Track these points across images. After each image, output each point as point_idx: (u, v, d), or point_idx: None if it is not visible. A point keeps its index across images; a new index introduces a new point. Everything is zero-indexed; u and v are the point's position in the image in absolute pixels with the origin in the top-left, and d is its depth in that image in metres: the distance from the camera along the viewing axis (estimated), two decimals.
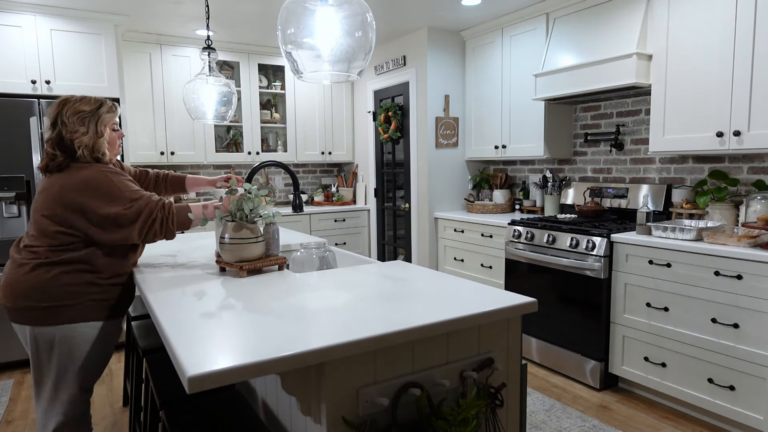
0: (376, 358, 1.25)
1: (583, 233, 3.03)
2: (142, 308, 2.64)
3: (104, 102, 1.91)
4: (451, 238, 4.20)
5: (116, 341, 1.98)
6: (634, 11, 3.01)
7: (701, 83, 2.72)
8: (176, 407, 1.62)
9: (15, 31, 3.43)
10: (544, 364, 3.33)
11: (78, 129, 1.82)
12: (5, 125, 3.36)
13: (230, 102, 2.80)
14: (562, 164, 3.96)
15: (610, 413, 2.72)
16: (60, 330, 1.80)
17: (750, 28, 2.50)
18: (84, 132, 1.82)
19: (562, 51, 3.40)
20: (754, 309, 2.32)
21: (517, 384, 1.55)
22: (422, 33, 4.26)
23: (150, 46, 4.27)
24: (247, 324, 1.29)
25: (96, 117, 1.86)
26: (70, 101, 1.85)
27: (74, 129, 1.82)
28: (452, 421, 1.25)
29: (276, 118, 5.03)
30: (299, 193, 2.34)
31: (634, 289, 2.82)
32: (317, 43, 1.47)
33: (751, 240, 2.44)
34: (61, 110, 1.83)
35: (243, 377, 1.04)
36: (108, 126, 1.90)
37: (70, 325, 1.81)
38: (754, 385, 2.35)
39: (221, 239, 1.88)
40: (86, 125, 1.83)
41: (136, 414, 2.40)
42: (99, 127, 1.86)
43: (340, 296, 1.55)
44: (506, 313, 1.43)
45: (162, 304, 1.50)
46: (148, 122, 4.31)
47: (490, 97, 4.16)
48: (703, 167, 3.08)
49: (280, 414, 1.60)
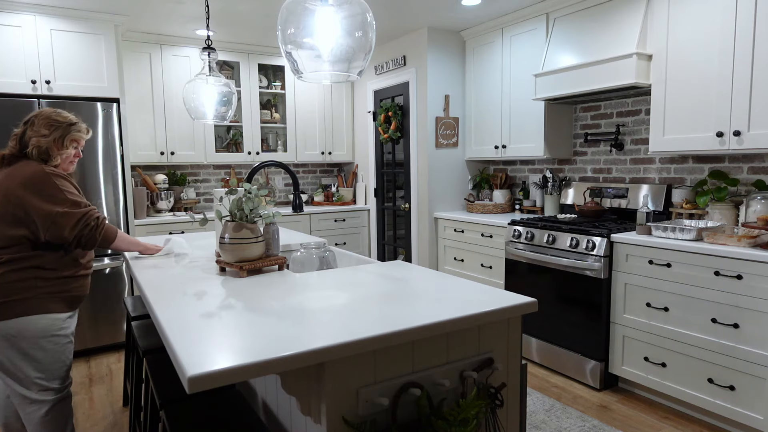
0: (375, 358, 1.25)
1: (583, 233, 3.03)
2: (142, 308, 2.64)
3: (80, 123, 2.04)
4: (451, 238, 4.20)
5: (72, 334, 2.05)
6: (634, 11, 3.01)
7: (701, 83, 2.72)
8: (176, 407, 1.62)
9: (15, 31, 3.43)
10: (544, 364, 3.33)
11: (41, 131, 1.94)
12: (5, 125, 3.36)
13: (230, 102, 2.80)
14: (562, 164, 3.96)
15: (610, 413, 2.72)
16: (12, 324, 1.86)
17: (750, 28, 2.50)
18: (45, 135, 1.94)
19: (562, 51, 3.40)
20: (754, 309, 2.32)
21: (517, 384, 1.55)
22: (422, 33, 4.26)
23: (150, 46, 4.27)
24: (247, 324, 1.29)
25: (66, 130, 1.99)
26: (47, 110, 2.00)
27: (38, 130, 1.94)
28: (452, 421, 1.25)
29: (276, 118, 5.03)
30: (299, 193, 2.34)
31: (634, 289, 2.82)
32: (317, 43, 1.47)
33: (751, 240, 2.44)
34: (36, 115, 1.97)
35: (243, 377, 1.04)
36: (73, 142, 2.02)
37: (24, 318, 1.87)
38: (754, 385, 2.35)
39: (221, 239, 1.88)
40: (51, 132, 1.95)
41: (136, 414, 2.40)
42: (65, 140, 1.98)
43: (340, 296, 1.55)
44: (506, 313, 1.43)
45: (162, 304, 1.50)
46: (148, 122, 4.30)
47: (490, 97, 4.16)
48: (703, 167, 3.08)
49: (280, 414, 1.60)
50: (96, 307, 3.70)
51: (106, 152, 3.68)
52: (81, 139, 2.04)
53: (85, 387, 3.18)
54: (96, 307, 3.70)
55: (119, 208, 3.76)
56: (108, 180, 3.70)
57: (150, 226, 4.05)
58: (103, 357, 3.70)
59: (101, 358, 3.69)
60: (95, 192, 3.66)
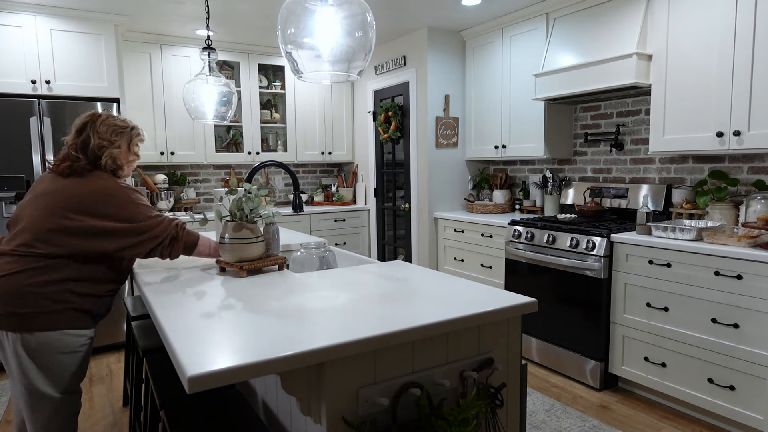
0: (376, 358, 1.25)
1: (583, 233, 3.03)
2: (142, 308, 2.64)
3: (137, 126, 1.97)
4: (451, 238, 4.20)
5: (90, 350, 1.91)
6: (634, 11, 3.01)
7: (701, 83, 2.72)
8: (176, 407, 1.62)
9: (15, 31, 3.43)
10: (544, 364, 3.33)
11: (113, 140, 1.85)
12: (5, 125, 3.36)
13: (230, 102, 2.80)
14: (562, 164, 3.96)
15: (610, 413, 2.72)
16: (39, 337, 1.71)
17: (750, 27, 2.50)
18: (118, 145, 1.86)
19: (562, 51, 3.40)
20: (754, 309, 2.32)
21: (517, 384, 1.54)
22: (422, 33, 4.26)
23: (150, 46, 4.27)
24: (247, 324, 1.29)
25: (130, 136, 1.91)
26: (102, 114, 1.89)
27: (107, 138, 1.84)
28: (452, 421, 1.25)
29: (276, 118, 5.03)
30: (299, 193, 2.34)
31: (634, 289, 2.82)
32: (317, 43, 1.47)
33: (751, 240, 2.44)
34: (93, 120, 1.86)
35: (243, 377, 1.04)
36: (137, 148, 1.96)
37: (48, 333, 1.72)
38: (754, 385, 2.35)
39: (221, 239, 1.88)
40: (119, 139, 1.87)
41: (136, 414, 2.40)
42: (132, 146, 1.92)
43: (340, 296, 1.55)
44: (506, 313, 1.43)
45: (162, 304, 1.50)
46: (148, 122, 4.30)
47: (490, 97, 4.16)
48: (703, 167, 3.08)
49: (280, 414, 1.60)
50: None
51: None
52: (140, 143, 1.97)
53: (85, 387, 3.18)
54: None
55: None
56: None
57: None
58: (103, 357, 3.70)
59: (101, 358, 3.69)
60: None
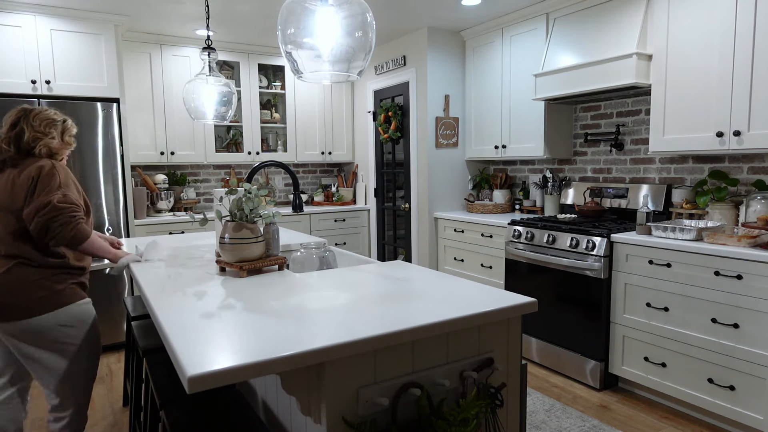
0: (375, 358, 1.25)
1: (583, 233, 3.03)
2: (142, 308, 2.64)
3: (68, 118, 2.10)
4: (451, 238, 4.20)
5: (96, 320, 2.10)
6: (634, 11, 3.01)
7: (701, 83, 2.72)
8: (176, 407, 1.62)
9: (15, 31, 3.42)
10: (544, 364, 3.33)
11: (47, 131, 1.96)
12: None
13: (230, 102, 2.80)
14: (562, 164, 3.96)
15: (610, 413, 2.72)
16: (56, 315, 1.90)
17: (750, 27, 2.50)
18: (52, 136, 1.97)
19: (562, 51, 3.40)
20: (754, 309, 2.32)
21: (517, 384, 1.55)
22: (422, 33, 4.26)
23: (150, 46, 4.27)
24: (247, 324, 1.29)
25: (63, 127, 2.03)
26: (35, 108, 2.00)
27: (41, 131, 1.95)
28: (452, 421, 1.25)
29: (276, 118, 5.03)
30: (299, 193, 2.34)
31: (634, 289, 2.82)
32: (317, 43, 1.47)
33: (751, 240, 2.44)
34: (26, 114, 1.96)
35: (243, 377, 1.04)
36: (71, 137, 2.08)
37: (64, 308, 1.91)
38: (754, 385, 2.35)
39: (221, 239, 1.88)
40: (53, 130, 1.99)
41: (136, 414, 2.40)
42: (65, 136, 2.04)
43: (340, 296, 1.55)
44: (506, 313, 1.43)
45: (162, 304, 1.50)
46: (148, 122, 4.30)
47: (490, 97, 4.16)
48: (703, 167, 3.08)
49: (280, 414, 1.60)
50: (96, 307, 3.69)
51: (106, 152, 3.68)
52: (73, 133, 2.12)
53: None
54: (96, 307, 3.69)
55: (119, 208, 3.76)
56: (108, 180, 3.70)
57: (150, 226, 4.05)
58: (103, 357, 3.70)
59: (101, 357, 3.69)
60: (95, 192, 3.66)
